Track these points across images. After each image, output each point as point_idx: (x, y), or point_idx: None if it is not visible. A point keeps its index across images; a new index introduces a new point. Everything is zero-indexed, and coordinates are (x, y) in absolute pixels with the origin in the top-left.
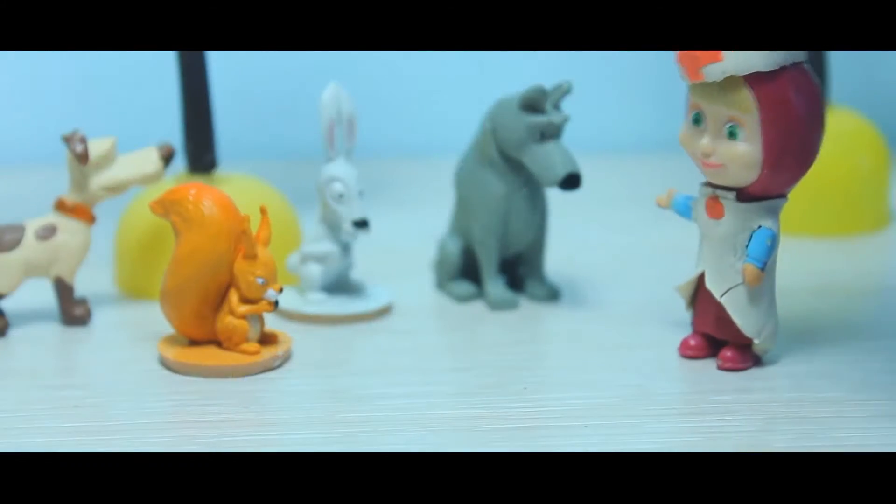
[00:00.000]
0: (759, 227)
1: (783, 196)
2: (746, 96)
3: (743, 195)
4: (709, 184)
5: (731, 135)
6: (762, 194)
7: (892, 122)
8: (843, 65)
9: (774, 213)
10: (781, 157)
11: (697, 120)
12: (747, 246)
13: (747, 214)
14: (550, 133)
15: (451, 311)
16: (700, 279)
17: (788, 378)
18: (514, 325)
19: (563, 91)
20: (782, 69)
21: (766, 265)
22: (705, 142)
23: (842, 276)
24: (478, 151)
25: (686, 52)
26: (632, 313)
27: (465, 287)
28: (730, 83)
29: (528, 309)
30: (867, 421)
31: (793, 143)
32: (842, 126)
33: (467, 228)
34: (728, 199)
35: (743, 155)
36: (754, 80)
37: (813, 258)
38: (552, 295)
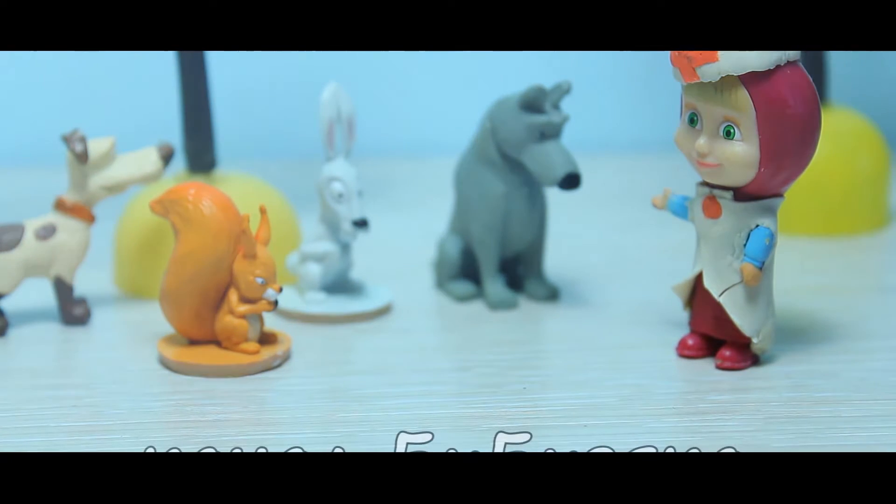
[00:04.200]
0: (757, 226)
1: (780, 195)
2: (742, 96)
3: (740, 194)
4: (705, 183)
5: (728, 134)
6: (759, 193)
7: (892, 122)
8: (843, 65)
9: (772, 212)
10: (778, 156)
11: (693, 120)
12: (745, 245)
13: (745, 214)
14: (550, 133)
15: (450, 310)
16: (697, 279)
17: (787, 378)
18: (513, 324)
19: (563, 91)
20: (777, 68)
21: (764, 264)
22: (702, 142)
23: (841, 276)
24: (477, 151)
25: (680, 52)
26: (631, 313)
27: (465, 287)
28: (725, 83)
29: (527, 309)
30: (866, 421)
31: (789, 141)
32: (842, 126)
33: (467, 228)
34: (725, 199)
35: (740, 154)
36: (750, 79)
37: (812, 258)
38: (552, 295)
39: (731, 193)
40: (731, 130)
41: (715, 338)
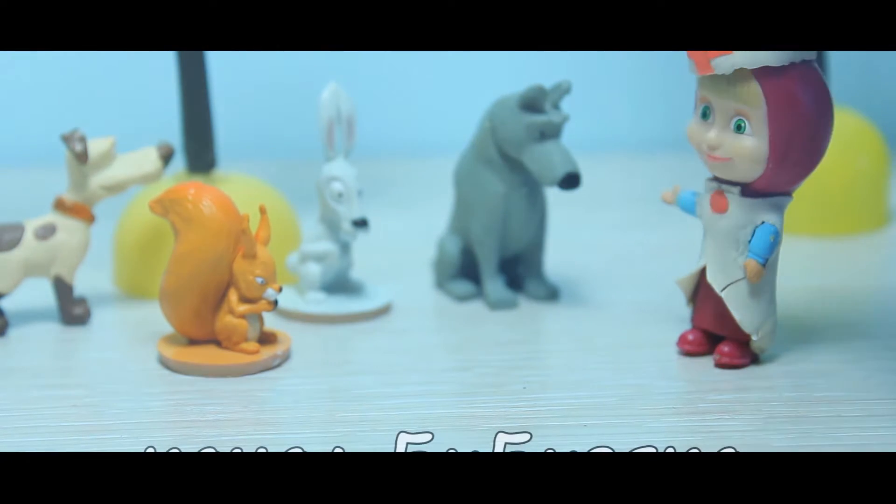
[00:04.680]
0: (763, 222)
1: (788, 194)
2: (754, 90)
3: (748, 190)
4: (714, 178)
5: (738, 128)
6: (767, 190)
7: (892, 122)
8: (843, 65)
9: (779, 210)
10: (787, 153)
11: (706, 114)
12: (750, 241)
13: (751, 209)
14: (550, 132)
15: (450, 310)
16: (701, 274)
17: (787, 377)
18: (513, 324)
19: (563, 90)
20: (791, 65)
21: (767, 261)
22: (712, 135)
23: (840, 276)
24: (477, 150)
25: None
26: (632, 313)
27: (465, 286)
28: (739, 76)
29: (527, 308)
30: (866, 420)
31: (799, 138)
32: (842, 126)
33: (466, 228)
34: (733, 194)
35: (749, 149)
36: (763, 74)
37: (812, 258)
38: (552, 294)
39: (739, 188)
40: (742, 124)
41: (716, 334)
